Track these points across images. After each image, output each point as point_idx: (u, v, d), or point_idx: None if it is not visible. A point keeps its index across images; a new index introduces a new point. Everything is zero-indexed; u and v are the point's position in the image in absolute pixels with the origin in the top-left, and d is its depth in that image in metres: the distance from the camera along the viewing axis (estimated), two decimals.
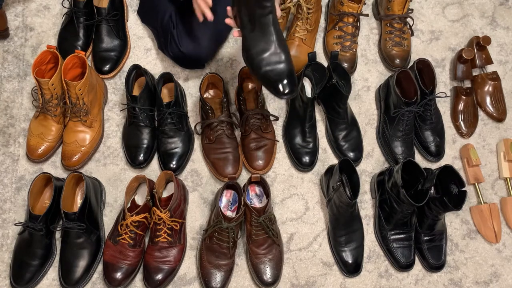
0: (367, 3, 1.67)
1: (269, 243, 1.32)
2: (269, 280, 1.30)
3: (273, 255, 1.32)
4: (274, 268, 1.31)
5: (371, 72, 1.59)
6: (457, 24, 1.67)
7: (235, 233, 1.28)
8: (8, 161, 1.44)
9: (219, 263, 1.30)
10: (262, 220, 1.28)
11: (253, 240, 1.31)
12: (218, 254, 1.30)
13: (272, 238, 1.31)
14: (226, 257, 1.30)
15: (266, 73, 1.16)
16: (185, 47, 1.43)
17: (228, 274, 1.31)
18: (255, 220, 1.28)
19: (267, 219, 1.29)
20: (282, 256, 1.34)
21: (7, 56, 1.55)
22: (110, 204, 1.41)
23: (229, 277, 1.32)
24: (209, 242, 1.30)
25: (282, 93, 1.16)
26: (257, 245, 1.31)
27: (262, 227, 1.29)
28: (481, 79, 1.56)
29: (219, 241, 1.29)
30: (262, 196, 1.39)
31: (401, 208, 1.30)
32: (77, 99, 1.36)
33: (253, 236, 1.31)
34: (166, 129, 1.40)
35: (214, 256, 1.30)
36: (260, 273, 1.31)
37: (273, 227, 1.31)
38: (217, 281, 1.29)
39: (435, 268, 1.37)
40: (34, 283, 1.29)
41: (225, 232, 1.27)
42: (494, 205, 1.43)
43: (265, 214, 1.28)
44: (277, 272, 1.32)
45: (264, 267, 1.31)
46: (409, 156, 1.45)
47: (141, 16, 1.59)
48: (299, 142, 1.44)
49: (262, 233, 1.30)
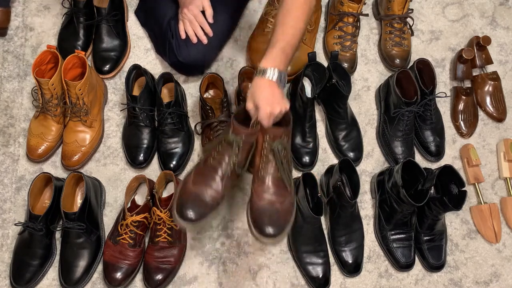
0: (367, 3, 1.67)
1: (278, 186, 1.09)
2: (270, 232, 1.04)
3: (281, 204, 1.08)
4: (280, 219, 1.06)
5: (371, 72, 1.59)
6: (457, 24, 1.67)
7: (239, 154, 1.06)
8: (8, 161, 1.44)
9: (205, 189, 1.06)
10: (276, 147, 1.07)
11: (260, 178, 1.09)
12: (208, 179, 1.07)
13: (283, 179, 1.08)
14: (216, 185, 1.07)
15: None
16: (183, 57, 1.43)
17: (209, 209, 1.05)
18: (266, 147, 1.07)
19: (282, 147, 1.08)
20: (292, 210, 1.10)
21: (7, 56, 1.55)
22: (110, 204, 1.41)
23: (209, 214, 1.05)
24: (203, 165, 1.10)
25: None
26: (263, 184, 1.09)
27: (273, 160, 1.07)
28: (481, 79, 1.56)
29: (216, 163, 1.07)
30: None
31: (401, 208, 1.30)
32: (77, 99, 1.36)
33: (260, 172, 1.09)
34: (166, 129, 1.40)
35: (202, 179, 1.08)
36: (260, 220, 1.05)
37: (287, 165, 1.09)
38: (194, 212, 1.03)
39: (435, 268, 1.37)
40: (34, 283, 1.29)
41: (229, 147, 1.07)
42: (494, 205, 1.43)
43: (280, 140, 1.08)
44: (282, 225, 1.06)
45: (267, 213, 1.06)
46: (409, 156, 1.44)
47: (140, 19, 1.59)
48: (299, 142, 1.44)
49: (272, 171, 1.08)
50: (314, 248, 1.33)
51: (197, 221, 1.06)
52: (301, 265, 1.34)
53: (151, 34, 1.55)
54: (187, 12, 1.39)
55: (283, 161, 1.09)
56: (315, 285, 1.32)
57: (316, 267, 1.33)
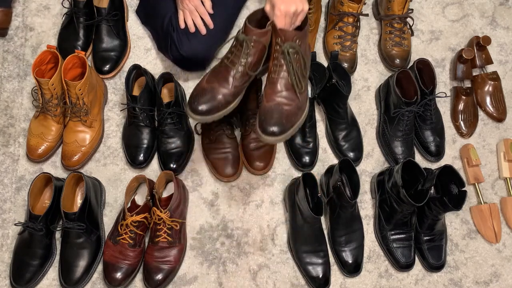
0: (367, 3, 1.67)
1: (288, 89, 1.10)
2: (271, 130, 1.06)
3: (288, 106, 1.08)
4: (284, 119, 1.07)
5: (371, 72, 1.59)
6: (457, 24, 1.67)
7: (250, 55, 1.07)
8: (8, 161, 1.44)
9: (217, 86, 1.11)
10: (286, 49, 1.05)
11: (271, 81, 1.10)
12: (221, 77, 1.11)
13: (293, 83, 1.09)
14: (228, 83, 1.11)
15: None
16: (185, 50, 1.43)
17: (220, 105, 1.10)
18: (278, 49, 1.06)
19: (294, 50, 1.06)
20: (298, 113, 1.12)
21: (7, 56, 1.55)
22: (110, 204, 1.41)
23: (219, 111, 1.11)
24: (218, 66, 1.15)
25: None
26: (274, 86, 1.10)
27: (284, 62, 1.07)
28: (481, 79, 1.56)
29: (229, 63, 1.10)
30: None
31: (401, 208, 1.30)
32: (77, 99, 1.36)
33: (271, 75, 1.10)
34: (166, 129, 1.40)
35: (216, 77, 1.12)
36: (265, 118, 1.08)
37: (298, 69, 1.08)
38: (205, 105, 1.08)
39: (435, 268, 1.37)
40: (34, 283, 1.29)
41: (241, 47, 1.08)
42: (494, 205, 1.43)
43: (292, 42, 1.06)
44: (284, 125, 1.07)
45: (272, 113, 1.07)
46: (409, 156, 1.45)
47: (141, 17, 1.59)
48: (299, 142, 1.44)
49: (283, 74, 1.09)
50: (314, 248, 1.33)
51: (207, 115, 1.12)
52: (301, 265, 1.34)
53: (153, 32, 1.55)
54: (188, 2, 1.39)
55: (294, 65, 1.08)
56: (315, 285, 1.32)
57: (316, 267, 1.33)
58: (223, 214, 1.41)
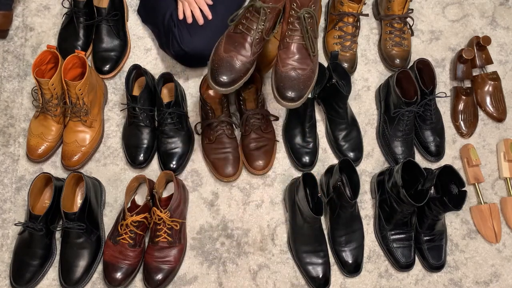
0: (367, 3, 1.67)
1: (302, 53, 1.13)
2: (290, 95, 1.11)
3: (303, 70, 1.12)
4: (300, 84, 1.12)
5: (371, 72, 1.59)
6: (457, 24, 1.67)
7: (266, 21, 1.09)
8: (8, 161, 1.44)
9: (236, 55, 1.13)
10: (303, 15, 1.07)
11: (285, 45, 1.13)
12: (238, 45, 1.14)
13: (308, 47, 1.12)
14: (245, 51, 1.14)
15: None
16: (186, 45, 1.43)
17: (241, 73, 1.13)
18: (293, 14, 1.08)
19: (309, 15, 1.08)
20: (312, 77, 1.15)
21: (7, 56, 1.55)
22: (110, 204, 1.41)
23: (241, 79, 1.13)
24: (233, 32, 1.16)
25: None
26: (288, 51, 1.13)
27: (299, 28, 1.09)
28: (481, 79, 1.56)
29: (245, 29, 1.12)
30: None
31: (401, 208, 1.30)
32: (77, 99, 1.36)
33: (286, 39, 1.13)
34: (166, 129, 1.40)
35: (233, 46, 1.14)
36: (282, 85, 1.12)
37: (312, 33, 1.10)
38: (227, 77, 1.11)
39: (435, 268, 1.37)
40: (34, 283, 1.30)
41: (257, 14, 1.09)
42: (494, 205, 1.43)
43: (308, 8, 1.07)
44: (301, 90, 1.13)
45: (289, 79, 1.12)
46: (409, 156, 1.45)
47: (142, 15, 1.60)
48: (299, 142, 1.44)
49: (297, 38, 1.12)
50: (314, 248, 1.33)
51: (229, 86, 1.15)
52: (301, 265, 1.34)
53: (154, 29, 1.55)
54: None
55: (308, 29, 1.11)
56: (315, 285, 1.32)
57: (316, 267, 1.33)
58: (223, 214, 1.41)
